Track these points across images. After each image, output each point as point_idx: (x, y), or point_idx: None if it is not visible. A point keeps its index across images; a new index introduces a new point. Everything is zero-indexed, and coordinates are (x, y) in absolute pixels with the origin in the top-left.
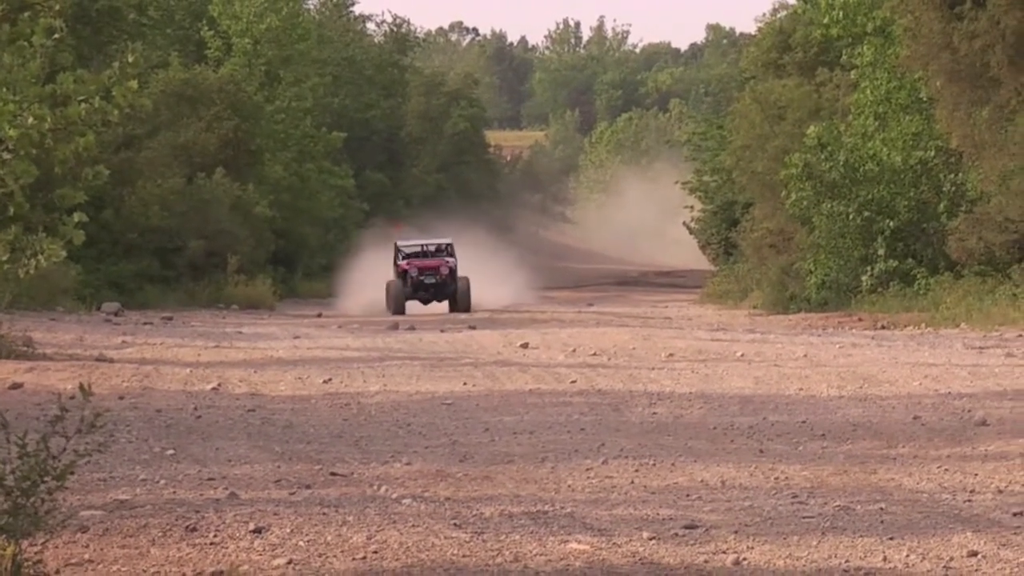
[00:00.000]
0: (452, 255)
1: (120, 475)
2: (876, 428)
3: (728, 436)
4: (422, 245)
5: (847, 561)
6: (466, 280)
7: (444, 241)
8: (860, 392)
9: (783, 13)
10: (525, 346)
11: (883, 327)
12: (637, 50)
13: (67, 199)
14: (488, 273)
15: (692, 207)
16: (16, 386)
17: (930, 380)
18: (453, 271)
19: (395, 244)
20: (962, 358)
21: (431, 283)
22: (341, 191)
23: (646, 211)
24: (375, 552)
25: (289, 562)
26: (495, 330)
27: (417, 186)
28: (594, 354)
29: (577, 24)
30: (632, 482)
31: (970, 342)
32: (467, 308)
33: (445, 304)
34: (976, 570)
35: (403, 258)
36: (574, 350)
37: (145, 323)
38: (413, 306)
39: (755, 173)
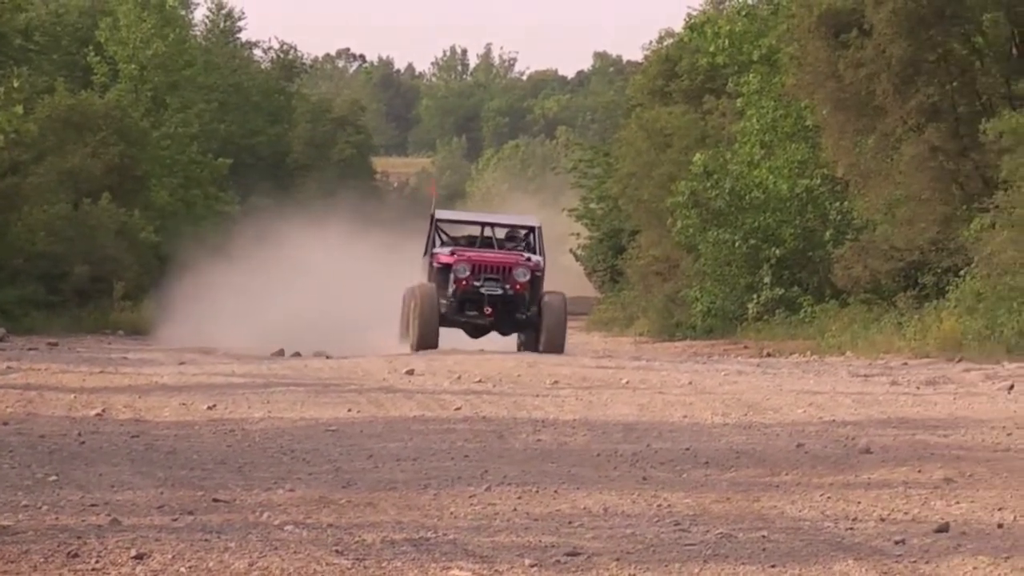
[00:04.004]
0: (537, 248)
1: (2, 501)
2: (760, 456)
3: (612, 463)
4: (483, 224)
5: None
6: (561, 299)
7: (525, 222)
8: (744, 419)
9: (669, 41)
10: (410, 373)
11: (768, 355)
12: (524, 77)
13: None
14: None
15: (578, 234)
16: None
17: (814, 408)
18: (538, 279)
19: (431, 216)
20: (847, 386)
21: (496, 297)
22: (227, 217)
23: None
24: None
25: None
26: (380, 357)
27: (303, 212)
28: (479, 381)
29: (464, 51)
30: (515, 509)
31: (855, 370)
32: (559, 346)
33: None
34: None
35: (445, 244)
36: (459, 377)
37: (30, 349)
38: (450, 336)
39: (641, 201)
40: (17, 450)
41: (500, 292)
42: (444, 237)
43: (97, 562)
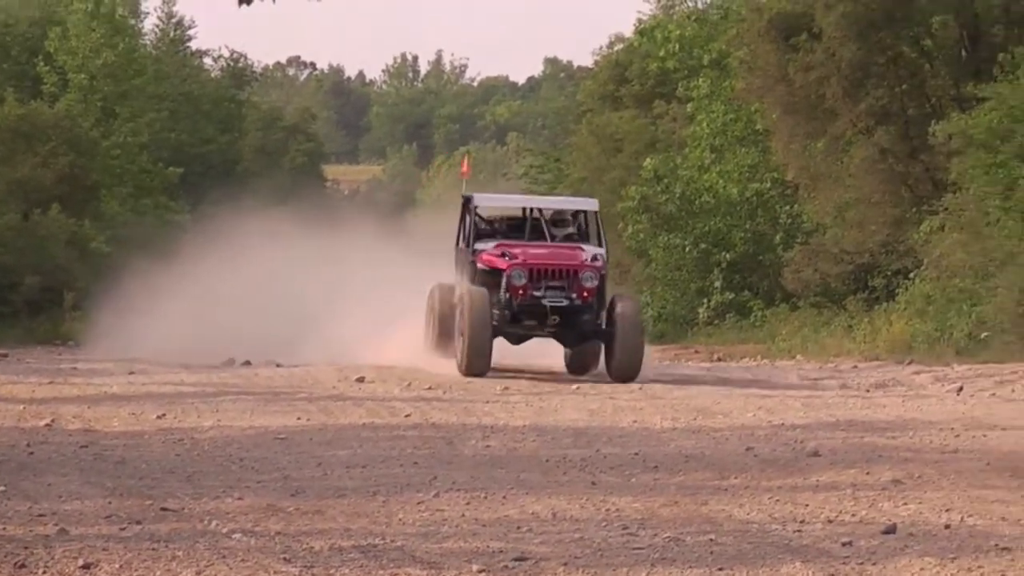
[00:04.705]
0: (591, 236)
1: None
2: (709, 459)
3: (561, 468)
4: (531, 212)
5: None
6: (634, 307)
7: (579, 205)
8: (694, 424)
9: (620, 46)
10: (361, 380)
11: (719, 359)
12: (475, 84)
13: None
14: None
15: None
16: None
17: (764, 411)
18: (603, 282)
19: (464, 201)
20: (797, 389)
21: (559, 307)
22: (178, 226)
23: None
24: None
25: None
26: (331, 364)
27: (254, 220)
28: (429, 388)
29: (415, 58)
30: (463, 515)
31: (805, 373)
32: (634, 371)
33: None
34: None
35: (484, 234)
36: (409, 384)
37: None
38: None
39: None
40: None
41: (565, 303)
42: (483, 226)
43: (44, 572)
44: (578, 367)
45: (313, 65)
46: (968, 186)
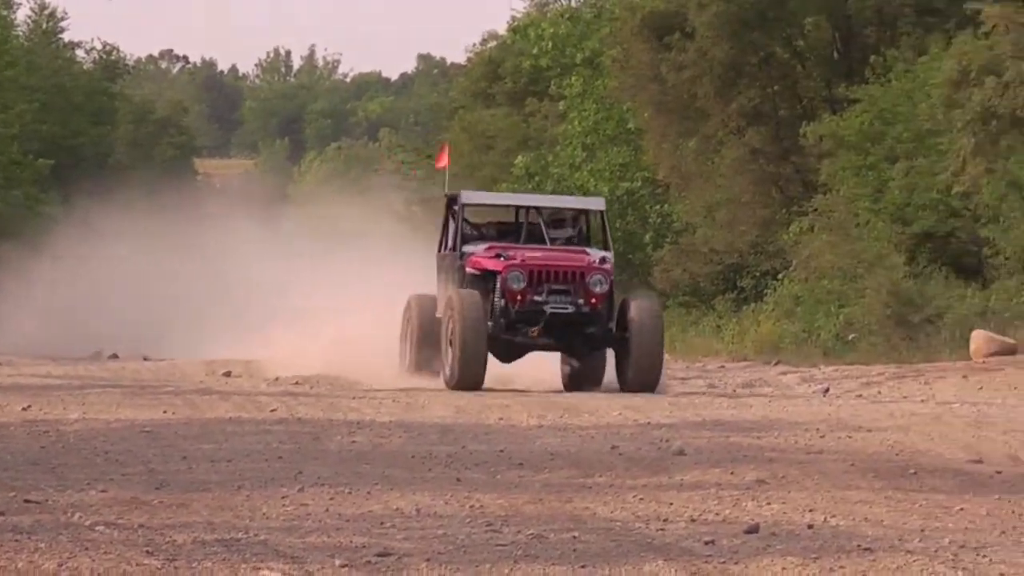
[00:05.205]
0: (604, 243)
1: None
2: (574, 457)
3: (426, 465)
4: (526, 213)
5: None
6: (654, 309)
7: (586, 205)
8: (560, 422)
9: (493, 44)
10: (228, 374)
11: None
12: (348, 79)
13: None
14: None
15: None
16: None
17: (630, 410)
18: (612, 288)
19: (448, 201)
20: (664, 388)
21: (563, 315)
22: (48, 218)
23: None
24: None
25: None
26: (199, 358)
27: (126, 213)
28: (296, 383)
29: (288, 53)
30: (327, 510)
31: (673, 373)
32: (654, 381)
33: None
34: None
35: (478, 240)
36: (277, 379)
37: None
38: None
39: None
40: None
41: (571, 310)
42: (470, 231)
43: None
44: (580, 383)
45: (186, 58)
46: (838, 188)
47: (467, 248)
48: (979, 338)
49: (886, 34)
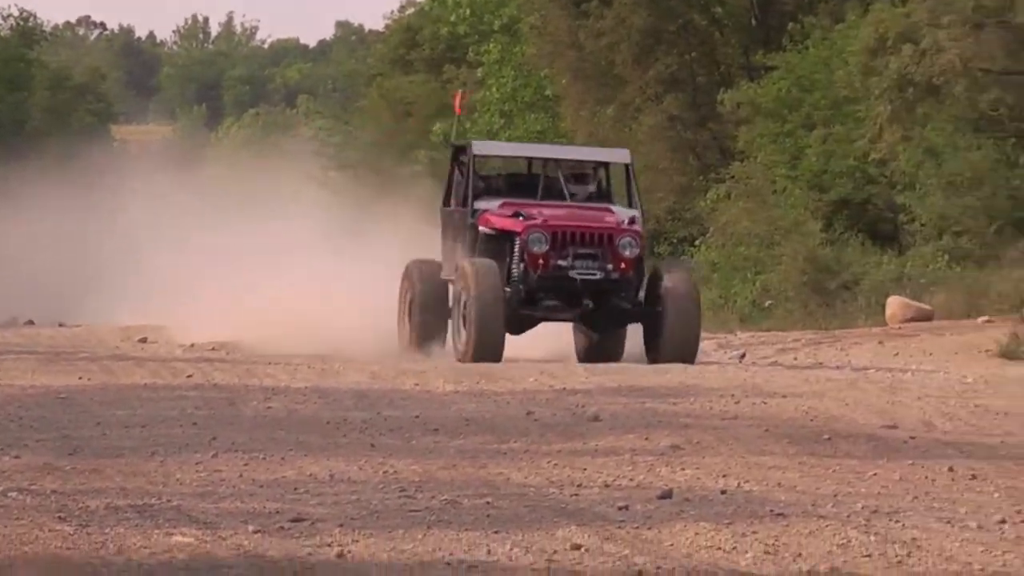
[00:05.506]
0: (630, 199)
1: None
2: (489, 423)
3: (341, 431)
4: (545, 162)
5: (451, 554)
6: (688, 279)
7: (610, 157)
8: (476, 388)
9: (411, 11)
10: (144, 340)
11: None
12: (266, 46)
13: None
14: None
15: None
16: None
17: (547, 376)
18: (642, 253)
19: (454, 151)
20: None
21: (592, 283)
22: None
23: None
24: None
25: None
26: (115, 324)
27: (42, 179)
28: (213, 348)
29: (206, 20)
30: (241, 475)
31: None
32: (691, 353)
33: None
34: (579, 563)
35: (488, 196)
36: (192, 345)
37: None
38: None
39: (382, 169)
40: None
41: (599, 275)
42: (481, 184)
43: None
44: (597, 356)
45: (103, 25)
46: (755, 155)
47: (479, 204)
48: (895, 304)
49: (804, 1)
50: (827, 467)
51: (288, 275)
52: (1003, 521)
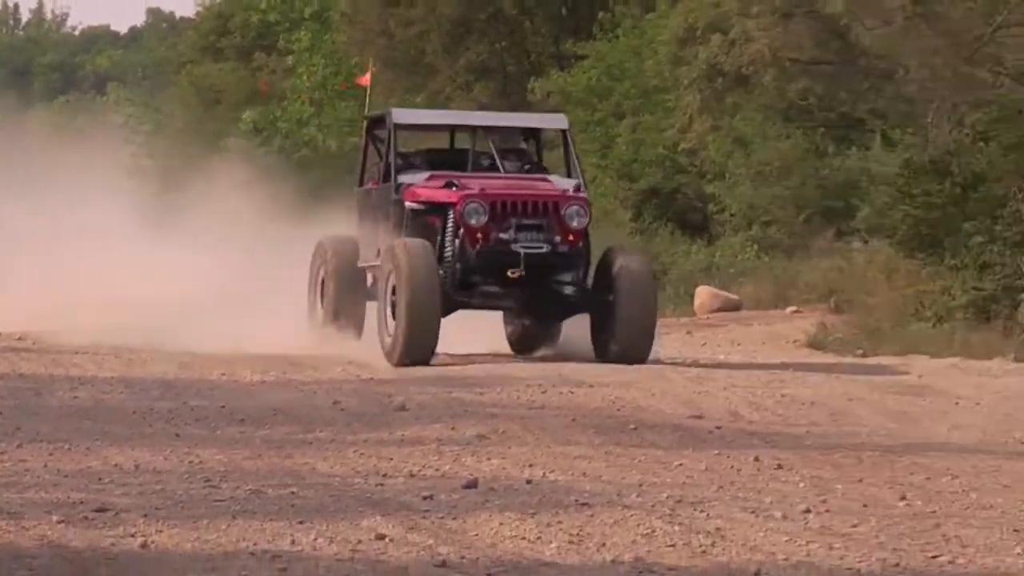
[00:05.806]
0: (567, 166)
1: None
2: (296, 413)
3: (147, 420)
4: (474, 131)
5: (255, 544)
6: (644, 262)
7: (544, 123)
8: (283, 377)
9: None
10: None
11: None
12: (77, 32)
13: None
14: None
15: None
16: None
17: (354, 366)
18: (588, 225)
19: (369, 123)
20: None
21: (538, 257)
22: None
23: None
24: None
25: None
26: None
27: None
28: (19, 338)
29: (16, 6)
30: (45, 465)
31: None
32: (644, 353)
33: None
34: (383, 552)
35: (410, 171)
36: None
37: None
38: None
39: (191, 157)
40: None
41: (546, 248)
42: (405, 159)
43: None
44: (532, 344)
45: None
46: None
47: (403, 179)
48: (703, 294)
49: None
50: (633, 457)
51: (97, 261)
52: (808, 511)
